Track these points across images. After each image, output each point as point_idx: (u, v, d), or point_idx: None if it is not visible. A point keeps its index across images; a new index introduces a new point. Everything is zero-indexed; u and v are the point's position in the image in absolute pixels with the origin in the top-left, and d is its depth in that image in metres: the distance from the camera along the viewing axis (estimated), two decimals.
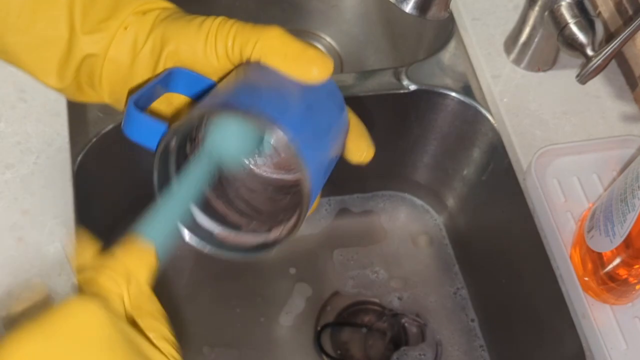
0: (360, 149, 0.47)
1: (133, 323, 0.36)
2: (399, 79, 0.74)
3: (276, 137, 0.39)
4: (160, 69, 0.44)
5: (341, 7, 0.99)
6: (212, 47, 0.43)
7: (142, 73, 0.44)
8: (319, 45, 0.98)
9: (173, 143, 0.43)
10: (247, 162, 0.46)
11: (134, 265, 0.37)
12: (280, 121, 0.39)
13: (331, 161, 0.45)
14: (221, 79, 0.44)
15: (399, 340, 0.80)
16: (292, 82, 0.42)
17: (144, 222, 0.39)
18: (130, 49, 0.44)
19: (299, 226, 0.42)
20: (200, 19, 0.45)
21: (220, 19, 0.44)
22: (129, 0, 0.44)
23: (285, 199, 0.46)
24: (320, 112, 0.44)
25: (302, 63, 0.41)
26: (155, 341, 0.36)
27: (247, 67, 0.43)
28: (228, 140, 0.43)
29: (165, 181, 0.43)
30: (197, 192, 0.42)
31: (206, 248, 0.44)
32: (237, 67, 0.44)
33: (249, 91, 0.41)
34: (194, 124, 0.43)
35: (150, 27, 0.44)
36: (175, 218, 0.41)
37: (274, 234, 0.45)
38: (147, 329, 0.36)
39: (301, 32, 0.99)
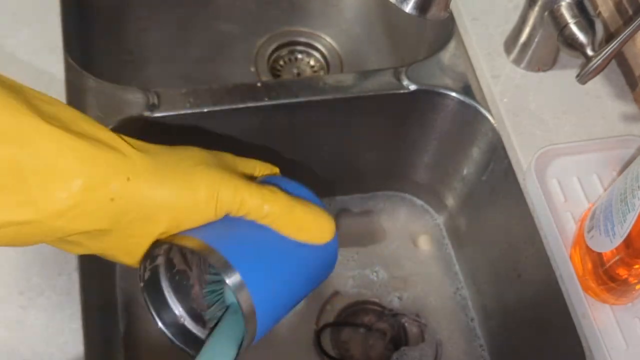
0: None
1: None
2: (399, 79, 0.74)
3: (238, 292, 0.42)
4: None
5: (341, 7, 0.99)
6: (212, 209, 0.43)
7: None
8: (319, 46, 0.98)
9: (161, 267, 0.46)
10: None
11: None
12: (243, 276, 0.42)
13: (295, 297, 0.49)
14: None
15: (399, 340, 0.80)
16: (278, 238, 0.45)
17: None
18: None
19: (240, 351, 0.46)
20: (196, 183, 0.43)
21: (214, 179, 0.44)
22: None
23: None
24: (298, 263, 0.47)
25: (312, 231, 0.46)
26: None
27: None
28: None
29: (159, 302, 0.46)
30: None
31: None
32: None
33: (229, 237, 0.43)
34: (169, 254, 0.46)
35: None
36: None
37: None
38: None
39: (301, 32, 0.99)
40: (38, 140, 0.38)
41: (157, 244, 0.43)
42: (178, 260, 0.47)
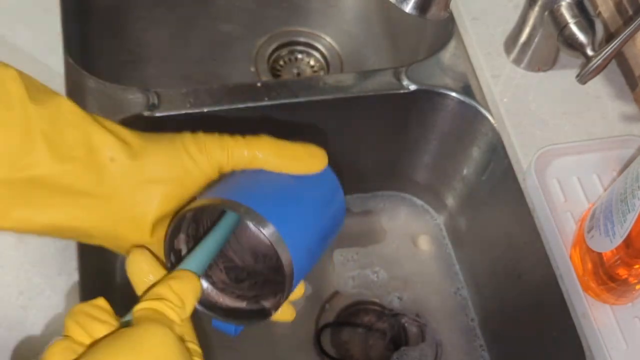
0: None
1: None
2: (399, 79, 0.74)
3: (265, 231, 0.43)
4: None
5: (341, 7, 0.99)
6: (205, 165, 0.46)
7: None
8: (319, 46, 0.98)
9: (183, 237, 0.47)
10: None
11: (185, 294, 0.41)
12: (265, 214, 0.43)
13: (322, 240, 0.49)
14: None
15: (399, 340, 0.80)
16: (279, 176, 0.47)
17: (187, 259, 0.44)
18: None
19: (280, 304, 0.46)
20: (178, 141, 0.46)
21: (202, 135, 0.47)
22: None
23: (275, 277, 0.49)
24: (306, 196, 0.48)
25: (304, 159, 0.48)
26: None
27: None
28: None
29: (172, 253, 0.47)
30: (225, 239, 0.46)
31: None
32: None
33: (241, 187, 0.46)
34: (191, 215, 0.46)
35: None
36: (209, 257, 0.45)
37: (260, 305, 0.48)
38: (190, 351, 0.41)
39: (301, 32, 0.99)
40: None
41: (174, 221, 0.45)
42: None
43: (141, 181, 0.44)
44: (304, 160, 0.48)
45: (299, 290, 0.50)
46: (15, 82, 0.41)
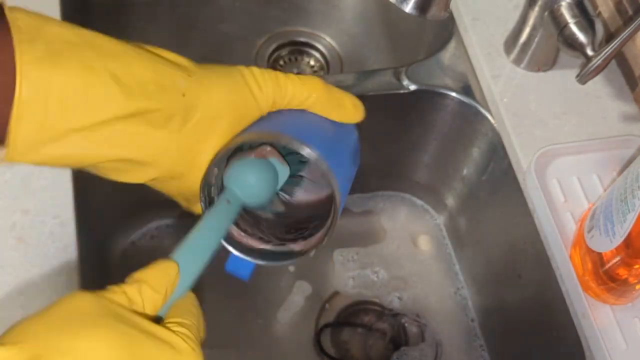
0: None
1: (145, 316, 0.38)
2: (399, 79, 0.74)
3: (314, 159, 0.44)
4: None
5: (341, 7, 0.99)
6: (263, 102, 0.46)
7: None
8: (319, 46, 0.98)
9: (215, 172, 0.46)
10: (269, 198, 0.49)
11: (149, 277, 0.39)
12: (315, 147, 0.44)
13: (350, 179, 0.51)
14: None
15: (399, 340, 0.80)
16: (322, 119, 0.48)
17: (176, 249, 0.42)
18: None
19: (330, 233, 0.47)
20: (238, 75, 0.46)
21: (268, 71, 0.47)
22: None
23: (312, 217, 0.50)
24: (343, 141, 0.50)
25: (348, 108, 0.49)
26: (170, 326, 0.39)
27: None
28: (249, 186, 0.46)
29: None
30: (225, 228, 0.45)
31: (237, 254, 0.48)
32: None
33: (291, 124, 0.46)
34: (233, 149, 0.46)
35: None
36: (203, 248, 0.43)
37: (300, 245, 0.49)
38: (168, 317, 0.39)
39: (301, 32, 0.99)
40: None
41: (219, 155, 0.45)
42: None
43: (207, 117, 0.44)
44: (348, 109, 0.49)
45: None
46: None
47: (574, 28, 0.63)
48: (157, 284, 0.39)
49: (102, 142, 0.41)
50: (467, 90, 0.74)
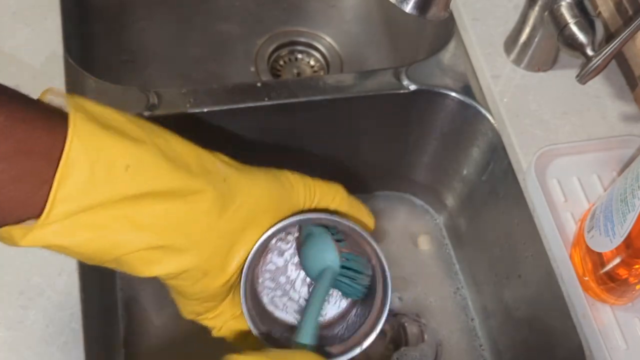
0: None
1: None
2: (399, 79, 0.74)
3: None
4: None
5: (341, 7, 0.99)
6: (296, 197, 0.48)
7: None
8: (319, 46, 0.98)
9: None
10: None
11: None
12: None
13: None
14: None
15: (399, 340, 0.80)
16: None
17: (301, 332, 0.50)
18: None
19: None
20: (283, 177, 0.48)
21: (303, 179, 0.49)
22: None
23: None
24: None
25: (366, 216, 0.52)
26: None
27: None
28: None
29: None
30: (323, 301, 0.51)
31: None
32: None
33: None
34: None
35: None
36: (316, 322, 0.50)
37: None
38: None
39: (301, 32, 0.99)
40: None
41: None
42: None
43: (247, 205, 0.44)
44: (365, 216, 0.52)
45: None
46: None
47: (574, 28, 0.63)
48: None
49: (141, 223, 0.40)
50: (467, 90, 0.74)
